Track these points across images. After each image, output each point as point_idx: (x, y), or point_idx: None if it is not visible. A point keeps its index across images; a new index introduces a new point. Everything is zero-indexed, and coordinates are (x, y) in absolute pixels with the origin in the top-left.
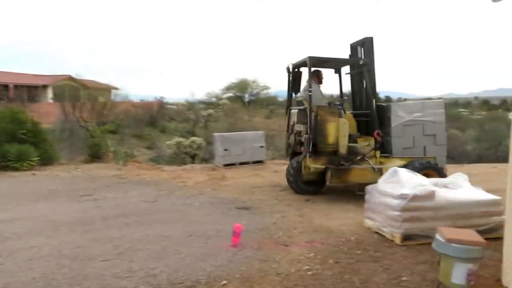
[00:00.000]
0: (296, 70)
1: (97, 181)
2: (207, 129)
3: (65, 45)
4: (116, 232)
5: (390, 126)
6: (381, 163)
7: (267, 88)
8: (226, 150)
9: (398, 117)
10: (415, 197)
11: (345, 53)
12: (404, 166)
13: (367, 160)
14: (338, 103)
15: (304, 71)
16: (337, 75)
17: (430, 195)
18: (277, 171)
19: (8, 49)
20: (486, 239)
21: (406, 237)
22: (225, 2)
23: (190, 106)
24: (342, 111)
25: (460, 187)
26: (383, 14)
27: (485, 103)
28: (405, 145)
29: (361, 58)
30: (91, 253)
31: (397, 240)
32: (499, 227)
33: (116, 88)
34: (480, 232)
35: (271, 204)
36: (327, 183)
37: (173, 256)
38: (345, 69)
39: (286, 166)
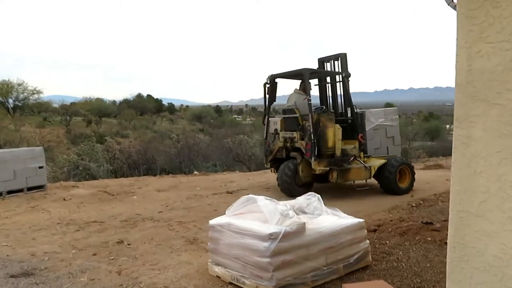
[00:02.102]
0: (273, 80)
1: None
2: None
3: None
4: None
5: (365, 130)
6: (365, 162)
7: (38, 92)
8: None
9: (369, 123)
10: (286, 235)
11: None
12: (385, 164)
13: (358, 160)
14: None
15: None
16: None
17: (301, 230)
18: (67, 198)
19: None
20: (354, 271)
21: None
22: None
23: None
24: None
25: (318, 210)
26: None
27: (254, 110)
28: (375, 146)
29: (340, 71)
30: None
31: None
32: (366, 254)
33: None
34: (351, 265)
35: (68, 258)
36: (333, 182)
37: None
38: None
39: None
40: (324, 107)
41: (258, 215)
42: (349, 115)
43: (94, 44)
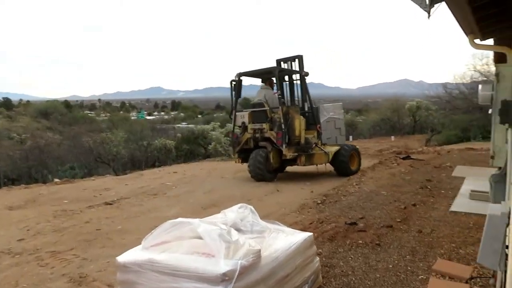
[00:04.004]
0: (239, 78)
1: None
2: None
3: None
4: None
5: (320, 122)
6: (322, 149)
7: None
8: None
9: (323, 116)
10: (242, 272)
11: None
12: (338, 151)
13: (319, 147)
14: None
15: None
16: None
17: (258, 260)
18: None
19: None
20: None
21: None
22: None
23: None
24: None
25: (257, 226)
26: None
27: (108, 105)
28: (327, 136)
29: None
30: None
31: None
32: (318, 274)
33: None
34: None
35: None
36: (300, 165)
37: None
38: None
39: None
40: (284, 101)
41: (192, 245)
42: (306, 108)
43: None
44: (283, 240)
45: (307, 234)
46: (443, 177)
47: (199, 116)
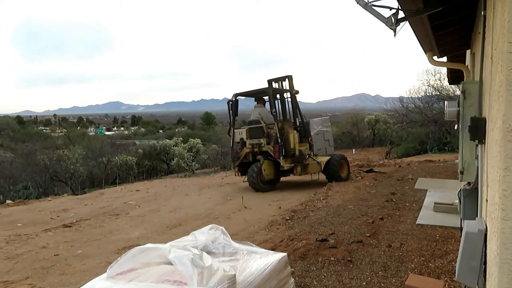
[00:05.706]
0: (235, 98)
1: None
2: None
3: None
4: None
5: (311, 135)
6: (315, 159)
7: None
8: None
9: (313, 129)
10: None
11: None
12: (329, 160)
13: (312, 158)
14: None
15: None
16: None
17: (232, 286)
18: None
19: None
20: None
21: None
22: None
23: None
24: None
25: (229, 248)
26: None
27: (65, 120)
28: (318, 147)
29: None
30: None
31: None
32: None
33: None
34: None
35: None
36: (296, 175)
37: None
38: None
39: None
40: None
41: (162, 272)
42: (297, 123)
43: None
44: (258, 262)
45: (281, 254)
46: (407, 190)
47: (161, 131)
